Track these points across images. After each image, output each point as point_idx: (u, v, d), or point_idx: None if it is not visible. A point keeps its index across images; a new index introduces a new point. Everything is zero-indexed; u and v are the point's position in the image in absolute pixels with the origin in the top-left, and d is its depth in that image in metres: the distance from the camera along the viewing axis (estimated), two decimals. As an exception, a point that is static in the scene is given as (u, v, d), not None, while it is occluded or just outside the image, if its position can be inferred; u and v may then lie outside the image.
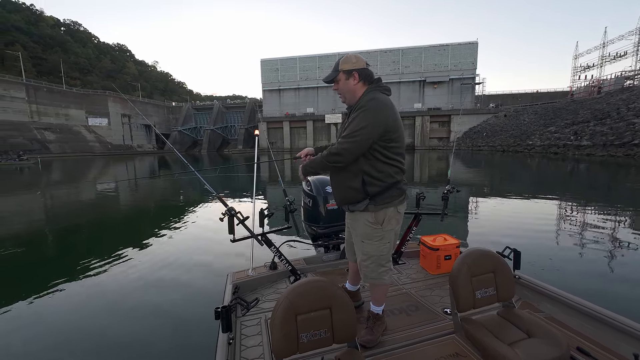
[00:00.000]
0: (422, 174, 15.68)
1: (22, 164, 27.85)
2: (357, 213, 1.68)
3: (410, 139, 50.18)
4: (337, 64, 1.64)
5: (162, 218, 7.32)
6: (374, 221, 1.64)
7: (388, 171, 1.61)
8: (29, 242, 5.70)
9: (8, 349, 2.52)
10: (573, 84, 53.60)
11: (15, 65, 51.08)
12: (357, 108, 1.57)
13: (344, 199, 1.71)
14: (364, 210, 1.64)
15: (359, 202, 1.63)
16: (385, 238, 1.68)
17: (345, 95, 1.66)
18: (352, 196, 1.65)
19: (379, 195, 1.61)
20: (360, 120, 1.52)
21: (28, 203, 9.94)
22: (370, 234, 1.67)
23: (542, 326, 1.49)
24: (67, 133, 49.03)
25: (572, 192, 10.12)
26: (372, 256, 1.69)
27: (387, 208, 1.64)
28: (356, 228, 1.73)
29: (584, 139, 24.71)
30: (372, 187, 1.59)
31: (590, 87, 42.60)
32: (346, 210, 1.79)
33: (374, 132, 1.52)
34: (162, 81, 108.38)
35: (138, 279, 3.71)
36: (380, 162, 1.59)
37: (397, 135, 1.60)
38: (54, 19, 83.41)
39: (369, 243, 1.68)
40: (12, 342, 2.58)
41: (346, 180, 1.65)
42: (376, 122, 1.52)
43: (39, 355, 2.43)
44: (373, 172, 1.59)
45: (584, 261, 4.19)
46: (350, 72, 1.61)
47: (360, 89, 1.64)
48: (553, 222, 6.28)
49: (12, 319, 2.92)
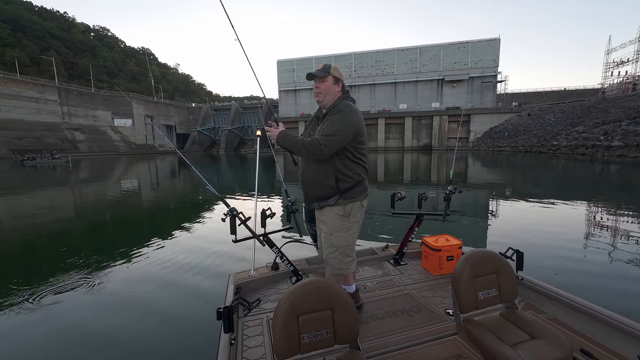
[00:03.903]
0: (439, 176, 15.29)
1: (55, 163, 29.70)
2: (326, 208, 1.85)
3: (428, 139, 49.14)
4: (328, 68, 1.83)
5: (164, 218, 7.42)
6: (342, 213, 1.82)
7: (356, 170, 1.82)
8: (33, 241, 5.96)
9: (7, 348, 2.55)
10: (604, 81, 50.54)
11: (49, 69, 54.55)
12: (335, 112, 1.76)
13: (317, 196, 1.85)
14: (334, 204, 1.81)
15: (331, 197, 1.81)
16: (351, 229, 1.86)
17: (326, 96, 1.83)
18: (325, 192, 1.80)
19: (349, 191, 1.80)
20: (339, 122, 1.71)
21: (49, 199, 10.58)
22: (338, 225, 1.84)
23: (545, 327, 1.46)
24: (95, 133, 51.76)
25: (590, 193, 9.60)
26: (339, 247, 1.85)
27: (354, 202, 1.84)
28: (325, 222, 1.87)
29: (615, 139, 23.28)
30: (344, 184, 1.79)
31: (625, 84, 40.05)
32: (316, 208, 1.90)
33: (350, 133, 1.74)
34: (183, 83, 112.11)
35: (139, 279, 3.70)
36: (351, 161, 1.80)
37: (364, 138, 1.85)
38: (84, 25, 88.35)
39: (337, 235, 1.84)
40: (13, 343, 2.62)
41: (322, 177, 1.79)
42: (351, 125, 1.74)
43: (40, 354, 2.46)
44: (345, 170, 1.78)
45: (587, 263, 4.08)
46: (337, 79, 1.85)
47: (337, 96, 1.86)
48: (559, 223, 6.08)
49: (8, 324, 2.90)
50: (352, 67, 59.02)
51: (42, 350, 2.49)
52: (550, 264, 3.93)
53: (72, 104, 50.77)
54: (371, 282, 2.46)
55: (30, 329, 2.76)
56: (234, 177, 15.65)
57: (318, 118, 1.91)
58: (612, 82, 47.05)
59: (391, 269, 2.70)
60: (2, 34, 58.59)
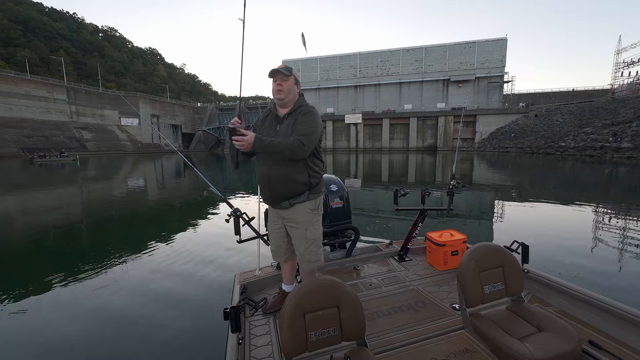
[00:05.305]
0: (444, 177, 15.19)
1: (63, 161, 30.18)
2: (297, 205, 1.86)
3: (433, 139, 48.84)
4: (291, 69, 1.86)
5: (169, 219, 7.42)
6: (313, 208, 1.90)
7: (320, 165, 1.93)
8: (41, 236, 6.09)
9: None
10: (614, 82, 49.65)
11: (59, 69, 55.47)
12: (305, 112, 1.83)
13: (287, 194, 1.84)
14: (305, 200, 1.86)
15: (302, 194, 1.85)
16: (319, 222, 1.97)
17: (287, 95, 1.84)
18: (296, 189, 1.83)
19: (317, 186, 1.89)
20: (313, 122, 1.80)
21: (57, 197, 10.76)
22: (311, 220, 1.90)
23: (553, 320, 1.46)
24: (102, 132, 52.44)
25: (598, 195, 9.45)
26: (315, 240, 1.93)
27: (320, 196, 1.94)
28: (298, 220, 1.89)
29: (624, 141, 22.90)
30: (314, 179, 1.86)
31: (635, 85, 39.31)
32: (285, 208, 1.87)
33: (320, 133, 1.86)
34: (189, 83, 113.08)
35: (144, 281, 3.69)
36: (316, 157, 1.89)
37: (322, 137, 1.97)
38: (93, 26, 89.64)
39: (312, 229, 1.91)
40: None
41: (294, 174, 1.81)
42: (320, 125, 1.87)
43: (42, 354, 2.48)
44: (313, 166, 1.87)
45: (593, 255, 4.07)
46: (297, 82, 1.90)
47: (296, 97, 1.92)
48: (564, 221, 6.06)
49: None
50: (357, 67, 58.96)
51: (45, 350, 2.48)
52: (556, 259, 3.92)
53: (81, 103, 51.52)
54: (376, 279, 2.46)
55: (34, 329, 2.80)
56: (239, 176, 15.74)
57: (277, 117, 1.88)
58: (622, 82, 46.17)
59: (396, 265, 2.70)
60: (14, 34, 59.75)
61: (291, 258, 2.07)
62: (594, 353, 1.39)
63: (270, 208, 2.01)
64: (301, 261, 1.95)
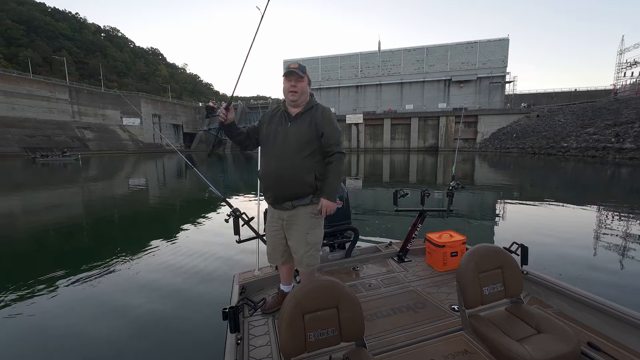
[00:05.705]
0: (444, 178, 15.16)
1: (65, 160, 30.29)
2: (299, 208, 1.84)
3: (434, 140, 48.75)
4: (304, 68, 1.84)
5: (169, 219, 7.42)
6: (316, 212, 1.85)
7: (324, 168, 1.87)
8: (36, 237, 6.11)
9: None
10: (617, 82, 49.42)
11: (61, 69, 55.65)
12: (322, 113, 1.83)
13: (293, 195, 1.82)
14: (308, 204, 1.83)
15: (306, 196, 1.82)
16: (321, 226, 1.94)
17: (301, 95, 1.82)
18: (303, 191, 1.81)
19: (320, 189, 1.84)
20: (336, 127, 1.83)
21: (59, 195, 10.80)
22: (313, 224, 1.87)
23: (552, 321, 1.46)
24: (104, 132, 52.60)
25: (599, 196, 9.40)
26: (315, 244, 1.89)
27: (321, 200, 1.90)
28: (299, 223, 1.86)
29: (627, 141, 22.80)
30: (319, 182, 1.83)
31: (638, 85, 39.13)
32: (287, 209, 1.85)
33: None
34: (190, 83, 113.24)
35: (144, 281, 3.69)
36: (322, 160, 1.85)
37: None
38: (95, 26, 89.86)
39: (313, 232, 1.87)
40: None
41: (304, 176, 1.79)
42: (338, 125, 1.89)
43: (42, 353, 2.48)
44: (320, 169, 1.83)
45: (593, 257, 4.07)
46: (310, 81, 1.89)
47: (308, 98, 1.90)
48: (564, 219, 6.08)
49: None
50: (359, 67, 58.92)
51: (44, 349, 2.48)
52: (555, 260, 3.91)
53: (83, 103, 51.68)
54: (375, 280, 2.46)
55: (36, 330, 2.80)
56: (239, 176, 15.77)
57: (288, 114, 1.84)
58: (625, 83, 45.97)
59: (395, 266, 2.70)
60: (16, 34, 59.99)
61: (288, 261, 2.02)
62: (593, 355, 1.39)
63: (270, 208, 1.98)
64: (299, 264, 1.93)
